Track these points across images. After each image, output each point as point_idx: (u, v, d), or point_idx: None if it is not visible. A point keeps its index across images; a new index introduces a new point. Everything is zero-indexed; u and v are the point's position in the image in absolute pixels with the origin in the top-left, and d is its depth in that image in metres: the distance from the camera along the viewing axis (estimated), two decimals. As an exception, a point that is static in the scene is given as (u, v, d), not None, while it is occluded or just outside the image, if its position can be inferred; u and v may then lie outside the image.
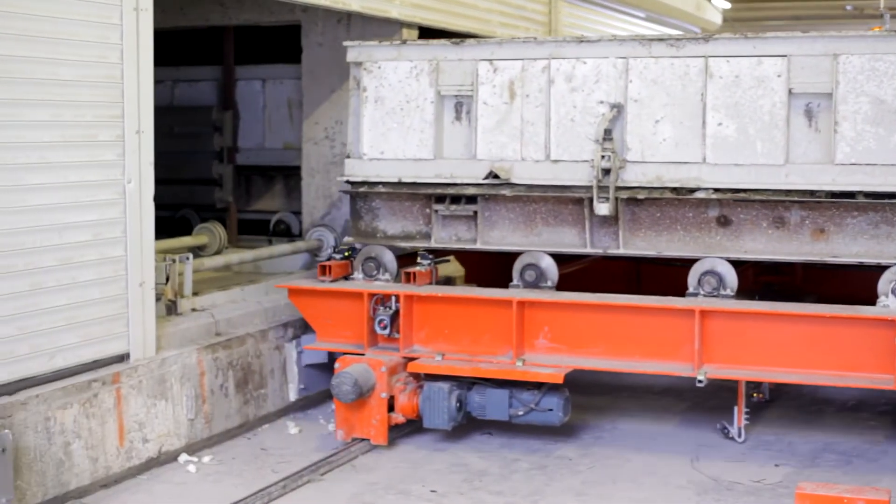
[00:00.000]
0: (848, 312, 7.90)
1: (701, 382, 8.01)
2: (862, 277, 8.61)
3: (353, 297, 8.85)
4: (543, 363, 8.40)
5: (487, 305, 8.59)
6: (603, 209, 8.36)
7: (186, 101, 13.40)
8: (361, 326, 8.79)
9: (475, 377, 8.51)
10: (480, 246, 8.89)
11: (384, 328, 8.69)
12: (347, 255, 9.13)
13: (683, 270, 8.51)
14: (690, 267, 8.43)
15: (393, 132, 8.99)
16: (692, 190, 8.34)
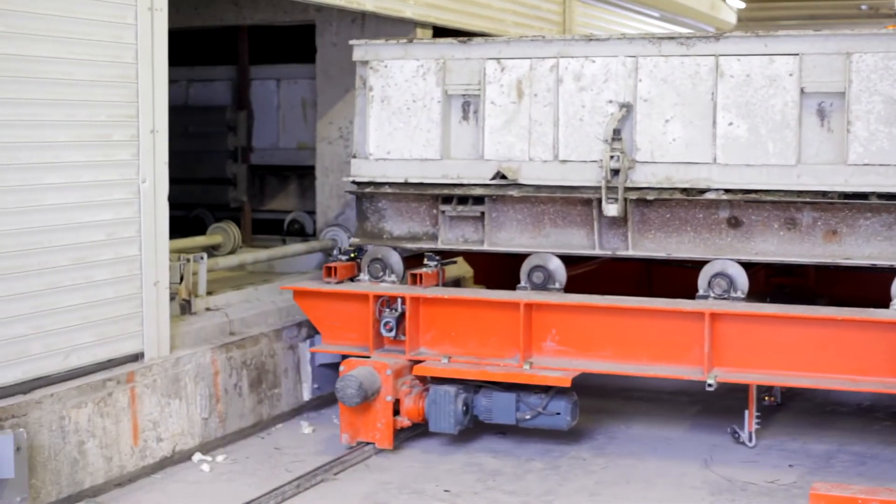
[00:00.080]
0: (860, 315, 7.62)
1: (711, 386, 7.74)
2: (876, 279, 8.31)
3: (358, 298, 8.58)
4: (551, 366, 8.13)
5: (494, 308, 8.31)
6: (612, 210, 8.08)
7: (201, 100, 13.27)
8: (367, 329, 8.51)
9: (482, 380, 8.23)
10: (487, 247, 8.61)
11: (390, 330, 8.41)
12: (353, 256, 8.87)
13: (696, 272, 8.23)
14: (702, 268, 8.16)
15: (399, 132, 8.70)
16: (702, 191, 8.05)
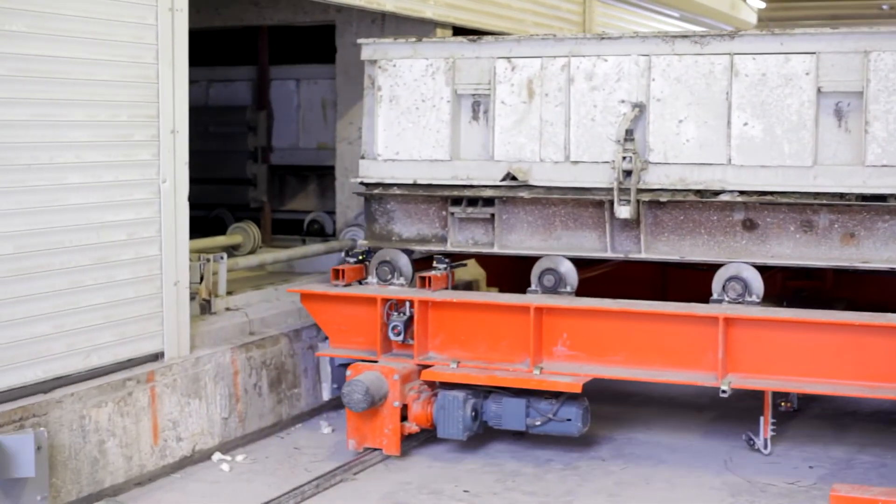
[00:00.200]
0: (879, 320, 7.15)
1: (725, 393, 7.30)
2: (895, 283, 7.79)
3: (366, 302, 8.14)
4: (562, 371, 7.69)
5: (504, 312, 7.87)
6: (624, 212, 7.64)
7: (221, 100, 13.00)
8: (374, 332, 8.07)
9: (491, 386, 7.80)
10: (497, 250, 8.17)
11: (398, 334, 7.98)
12: (362, 258, 8.44)
13: (711, 275, 7.76)
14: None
15: (408, 132, 8.27)
16: (717, 192, 7.59)
